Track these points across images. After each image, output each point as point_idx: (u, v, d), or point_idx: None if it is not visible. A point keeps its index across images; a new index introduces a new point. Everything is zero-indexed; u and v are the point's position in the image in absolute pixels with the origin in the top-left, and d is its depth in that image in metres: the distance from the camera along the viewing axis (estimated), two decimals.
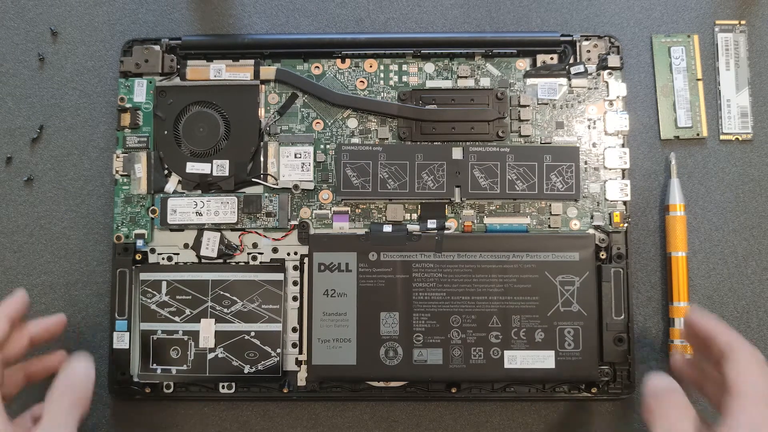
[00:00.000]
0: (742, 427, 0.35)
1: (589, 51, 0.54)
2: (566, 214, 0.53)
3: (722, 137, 0.54)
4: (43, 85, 0.55)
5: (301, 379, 0.51)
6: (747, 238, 0.52)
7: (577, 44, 0.54)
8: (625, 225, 0.52)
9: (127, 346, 0.51)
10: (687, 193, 0.54)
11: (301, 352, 0.52)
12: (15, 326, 0.42)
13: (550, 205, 0.53)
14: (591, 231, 0.52)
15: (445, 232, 0.52)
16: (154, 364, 0.51)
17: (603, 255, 0.52)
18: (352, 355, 0.50)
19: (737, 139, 0.54)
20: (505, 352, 0.50)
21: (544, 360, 0.50)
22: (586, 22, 0.54)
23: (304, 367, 0.51)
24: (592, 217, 0.52)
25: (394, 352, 0.50)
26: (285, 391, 0.51)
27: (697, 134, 0.54)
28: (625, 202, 0.52)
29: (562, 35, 0.53)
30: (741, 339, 0.38)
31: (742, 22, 0.53)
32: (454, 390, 0.51)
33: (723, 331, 0.39)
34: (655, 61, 0.54)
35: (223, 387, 0.52)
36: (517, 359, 0.50)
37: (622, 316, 0.51)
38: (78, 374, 0.41)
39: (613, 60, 0.53)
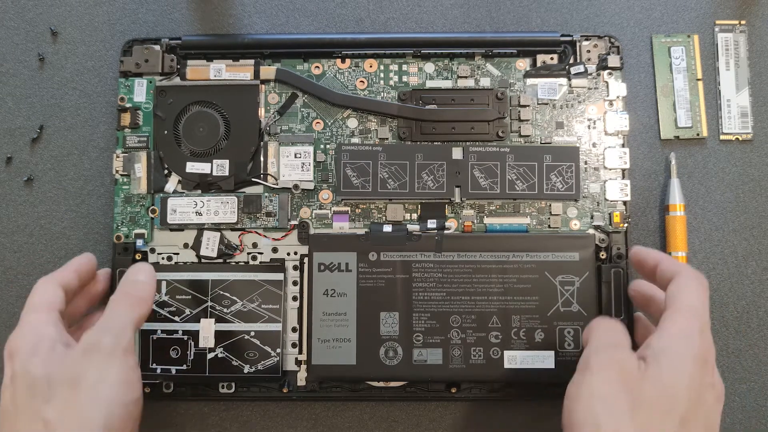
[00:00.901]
0: (672, 337, 0.36)
1: (589, 51, 0.54)
2: (566, 214, 0.53)
3: (722, 137, 0.54)
4: (43, 85, 0.55)
5: (301, 379, 0.51)
6: (747, 238, 0.52)
7: (577, 44, 0.54)
8: (625, 225, 0.52)
9: None
10: (687, 193, 0.54)
11: (300, 352, 0.52)
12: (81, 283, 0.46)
13: (550, 205, 0.53)
14: (591, 231, 0.52)
15: (445, 232, 0.52)
16: (154, 364, 0.51)
17: (603, 255, 0.51)
18: (351, 355, 0.50)
19: (737, 139, 0.54)
20: (504, 352, 0.50)
21: (544, 360, 0.50)
22: (586, 22, 0.54)
23: (303, 366, 0.51)
24: (592, 217, 0.52)
25: (393, 352, 0.50)
26: (285, 391, 0.51)
27: (697, 134, 0.54)
28: (625, 202, 0.52)
29: (562, 35, 0.53)
30: (688, 266, 0.41)
31: (742, 22, 0.53)
32: (454, 390, 0.51)
33: (670, 259, 0.43)
34: (655, 61, 0.54)
35: (222, 387, 0.52)
36: (516, 359, 0.50)
37: (622, 316, 0.50)
38: (137, 277, 0.43)
39: (613, 60, 0.53)
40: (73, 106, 0.55)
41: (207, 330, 0.51)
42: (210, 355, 0.51)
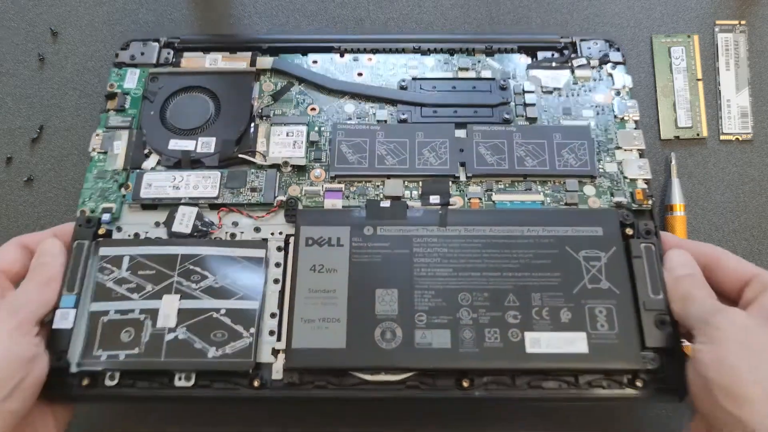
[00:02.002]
0: None
1: (590, 48, 0.53)
2: (584, 192, 0.47)
3: (722, 137, 0.53)
4: (43, 85, 0.54)
5: (278, 371, 0.42)
6: (747, 238, 0.48)
7: (577, 44, 0.53)
8: (650, 202, 0.47)
9: (71, 326, 0.42)
10: (687, 193, 0.51)
11: (279, 340, 0.43)
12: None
13: (565, 182, 0.48)
14: (612, 208, 0.47)
15: (450, 207, 0.46)
16: (100, 350, 0.42)
17: (629, 231, 0.45)
18: (341, 337, 0.42)
19: (737, 139, 0.53)
20: (526, 333, 0.42)
21: (574, 342, 0.42)
22: (586, 23, 0.54)
23: (282, 357, 0.42)
24: (612, 195, 0.47)
25: (391, 334, 0.42)
26: (256, 384, 0.41)
27: (697, 134, 0.53)
28: (647, 180, 0.48)
29: (562, 37, 0.53)
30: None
31: (742, 22, 0.53)
32: (466, 384, 0.41)
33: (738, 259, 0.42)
34: (655, 61, 0.54)
35: (179, 378, 0.42)
36: (541, 342, 0.42)
37: (661, 295, 0.43)
38: (44, 258, 0.43)
39: (615, 56, 0.52)
40: (73, 106, 0.54)
41: (169, 307, 0.43)
42: (168, 337, 0.42)
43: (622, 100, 0.51)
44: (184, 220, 0.46)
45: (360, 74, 0.52)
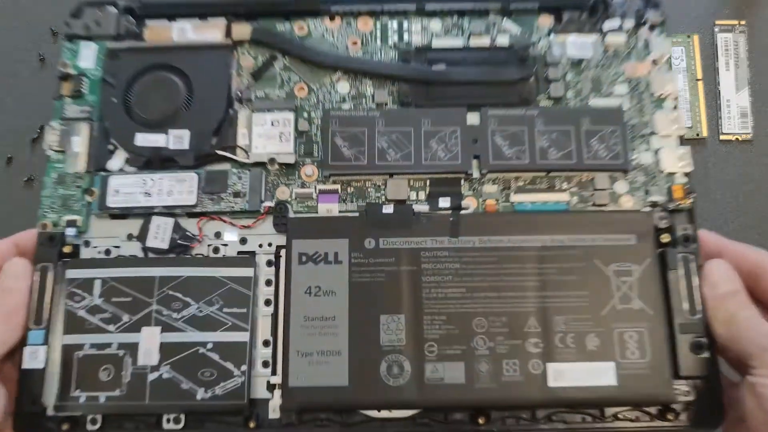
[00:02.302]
0: None
1: (624, 5, 0.45)
2: (614, 189, 0.41)
3: (722, 137, 0.53)
4: (43, 85, 0.52)
5: (274, 409, 0.38)
6: (747, 239, 0.42)
7: (610, 1, 0.45)
8: (690, 200, 0.41)
9: (42, 365, 0.38)
10: None
11: (274, 373, 0.39)
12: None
13: (593, 179, 0.42)
14: (647, 209, 0.41)
15: (462, 212, 0.41)
16: (78, 391, 0.38)
17: (665, 238, 0.40)
18: (342, 373, 0.37)
19: (737, 139, 0.52)
20: (548, 365, 0.37)
21: (601, 375, 0.37)
22: None
23: (278, 393, 0.38)
24: (647, 192, 0.41)
25: (399, 368, 0.38)
26: (251, 425, 0.38)
27: (697, 134, 0.53)
28: (686, 173, 0.41)
29: None
30: None
31: (742, 22, 0.48)
32: (482, 421, 0.38)
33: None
34: None
35: (168, 421, 0.38)
36: (564, 375, 0.37)
37: (698, 315, 0.38)
38: (7, 283, 0.39)
39: (653, 15, 0.44)
40: None
41: (149, 341, 0.38)
42: (152, 376, 0.38)
43: (661, 72, 0.43)
44: (160, 232, 0.41)
45: (354, 43, 0.44)
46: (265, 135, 0.42)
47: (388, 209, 0.40)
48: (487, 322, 0.38)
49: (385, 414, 0.38)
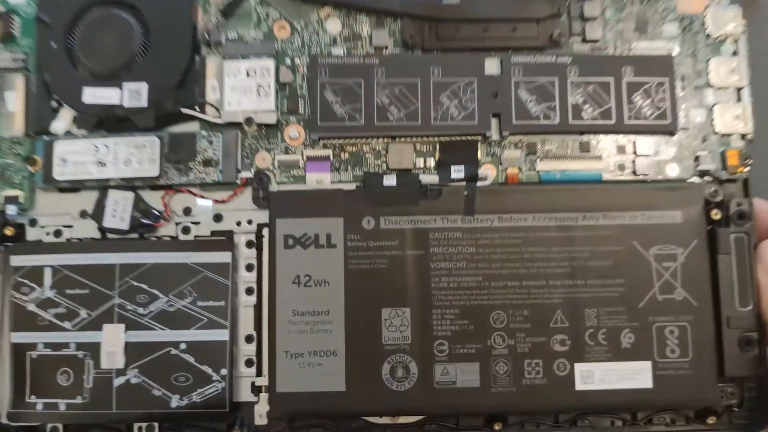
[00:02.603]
0: None
1: None
2: (658, 155, 0.35)
3: None
4: None
5: (261, 414, 0.33)
6: None
7: None
8: (747, 169, 0.34)
9: None
10: None
11: (260, 374, 0.34)
12: None
13: (635, 143, 0.35)
14: (696, 179, 0.35)
15: (479, 184, 0.34)
16: (33, 397, 0.33)
17: (716, 214, 0.34)
18: (338, 376, 0.33)
19: None
20: (576, 365, 0.33)
21: (635, 376, 0.33)
22: None
23: (264, 396, 0.33)
24: (696, 159, 0.35)
25: (404, 371, 0.33)
26: None
27: None
28: (743, 136, 0.35)
29: None
30: None
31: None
32: (498, 427, 0.33)
33: None
34: None
35: (139, 430, 0.33)
36: (594, 376, 0.33)
37: (750, 306, 0.33)
38: None
39: None
40: None
41: (112, 341, 0.33)
42: (118, 381, 0.33)
43: (720, 7, 0.36)
44: (118, 210, 0.34)
45: None
46: (240, 88, 0.35)
47: (390, 181, 0.34)
48: (506, 316, 0.33)
49: (387, 420, 0.33)
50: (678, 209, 0.34)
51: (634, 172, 0.35)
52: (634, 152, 0.35)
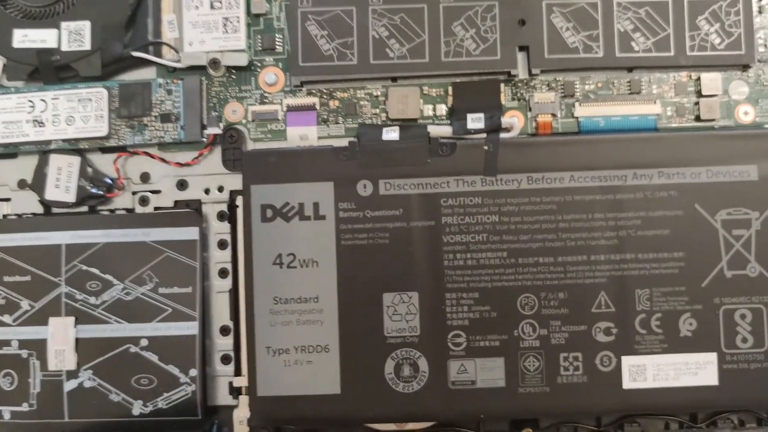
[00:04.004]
0: None
1: None
2: (729, 95, 0.28)
3: None
4: None
5: (241, 420, 0.28)
6: None
7: None
8: None
9: None
10: None
11: (238, 373, 0.28)
12: None
13: (699, 79, 0.28)
14: None
15: (503, 136, 0.27)
16: None
17: None
18: (332, 376, 0.27)
19: None
20: (623, 359, 0.27)
21: (697, 371, 0.27)
22: None
23: (244, 399, 0.28)
24: None
25: (412, 369, 0.27)
26: None
27: None
28: None
29: None
30: None
31: None
32: None
33: None
34: None
35: None
36: (646, 372, 0.27)
37: None
38: None
39: None
40: None
41: (61, 338, 0.28)
42: (69, 385, 0.28)
43: None
44: (62, 178, 0.28)
45: None
46: (203, 23, 0.28)
47: (392, 134, 0.28)
48: (537, 300, 0.27)
49: (392, 427, 0.28)
50: (753, 163, 0.28)
51: (697, 118, 0.29)
52: (698, 92, 0.29)
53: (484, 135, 0.28)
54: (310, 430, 0.28)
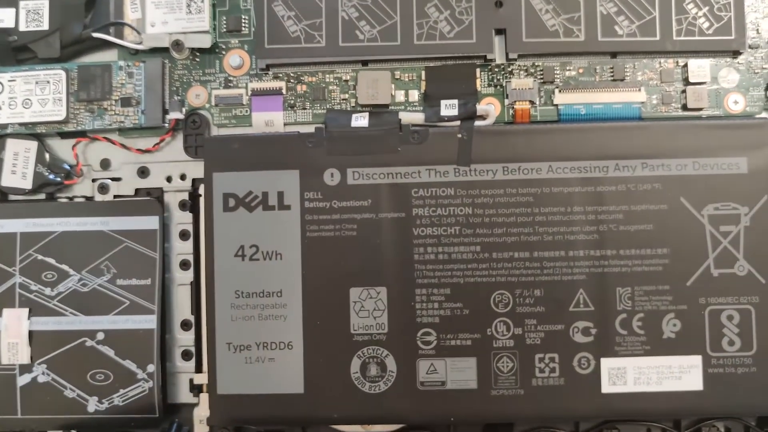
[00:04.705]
0: None
1: None
2: (718, 83, 0.27)
3: None
4: None
5: (202, 420, 0.27)
6: None
7: None
8: None
9: None
10: None
11: (199, 370, 0.27)
12: None
13: (687, 65, 0.27)
14: (767, 115, 0.27)
15: (478, 123, 0.26)
16: None
17: None
18: (296, 374, 0.26)
19: None
20: (602, 361, 0.26)
21: (681, 375, 0.25)
22: None
23: (205, 398, 0.26)
24: None
25: (379, 368, 0.26)
26: None
27: None
28: None
29: None
30: None
31: None
32: None
33: None
34: None
35: None
36: (626, 375, 0.25)
37: None
38: None
39: None
40: None
41: (14, 331, 0.27)
42: (22, 380, 0.27)
43: None
44: (19, 164, 0.27)
45: None
46: (166, 3, 0.27)
47: (361, 121, 0.26)
48: (512, 297, 0.26)
49: (358, 428, 0.26)
50: (743, 155, 0.26)
51: (684, 107, 0.27)
52: (685, 79, 0.27)
53: (458, 123, 0.26)
54: (273, 431, 0.27)
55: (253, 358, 0.26)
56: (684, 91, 0.27)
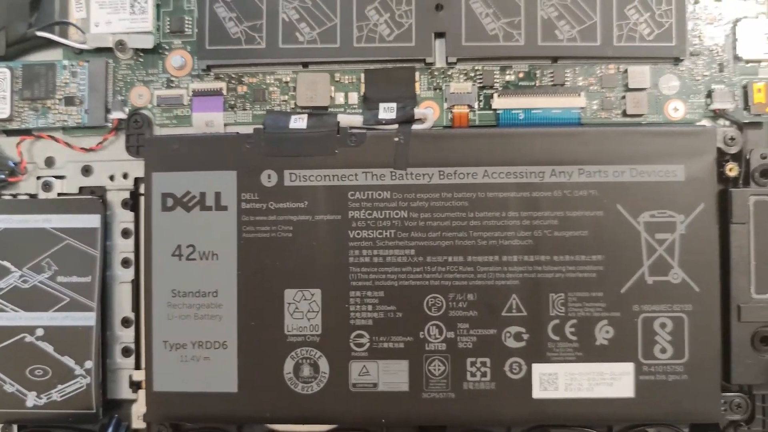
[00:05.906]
0: None
1: None
2: (659, 89, 0.26)
3: None
4: None
5: (140, 416, 0.27)
6: None
7: None
8: None
9: None
10: None
11: (139, 366, 0.27)
12: None
13: (627, 71, 0.27)
14: (707, 122, 0.26)
15: (415, 127, 0.26)
16: None
17: (731, 170, 0.25)
18: (229, 373, 0.26)
19: None
20: (534, 366, 0.26)
21: (613, 381, 0.25)
22: None
23: (143, 394, 0.27)
24: (709, 95, 0.26)
25: (312, 369, 0.26)
26: None
27: None
28: None
29: None
30: None
31: None
32: None
33: None
34: None
35: None
36: (558, 381, 0.25)
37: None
38: None
39: None
40: None
41: None
42: None
43: None
44: None
45: None
46: (110, 4, 0.27)
47: (299, 122, 0.26)
48: (445, 301, 0.26)
49: (291, 428, 0.27)
50: (680, 162, 0.26)
51: (623, 113, 0.27)
52: (625, 85, 0.27)
53: (395, 126, 0.26)
54: (207, 428, 0.27)
55: (189, 356, 0.26)
56: (624, 97, 0.26)
